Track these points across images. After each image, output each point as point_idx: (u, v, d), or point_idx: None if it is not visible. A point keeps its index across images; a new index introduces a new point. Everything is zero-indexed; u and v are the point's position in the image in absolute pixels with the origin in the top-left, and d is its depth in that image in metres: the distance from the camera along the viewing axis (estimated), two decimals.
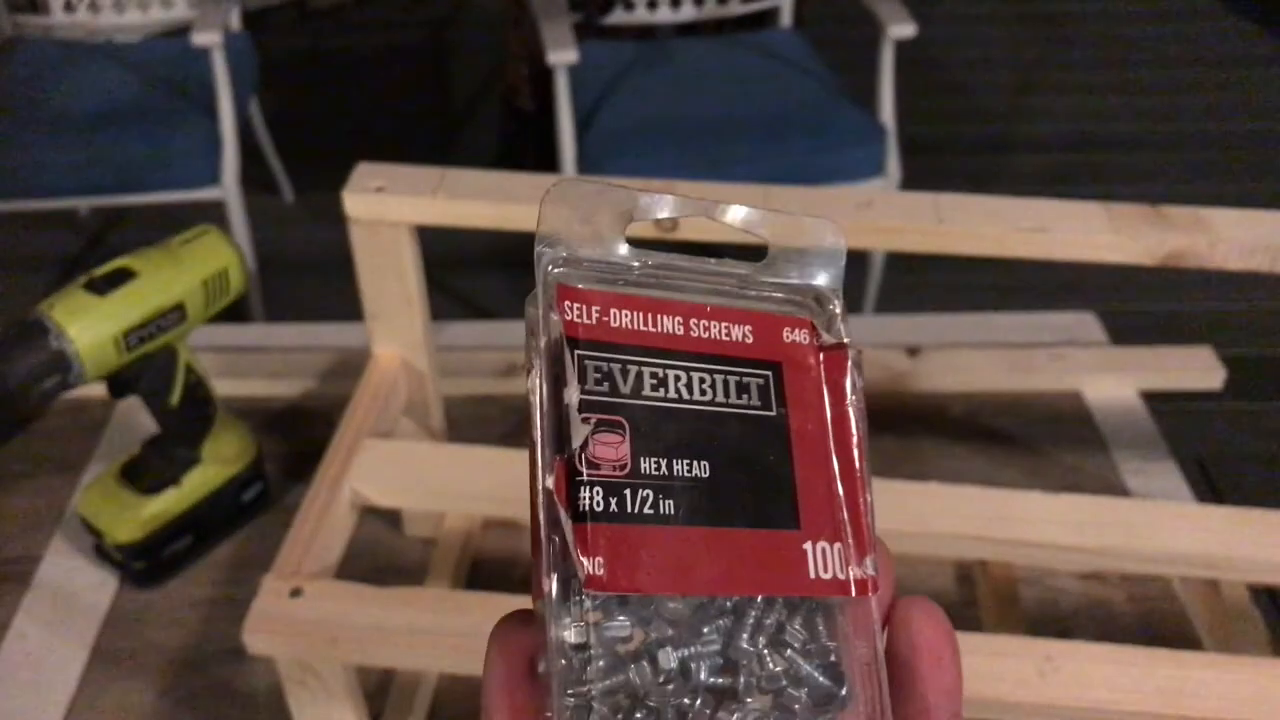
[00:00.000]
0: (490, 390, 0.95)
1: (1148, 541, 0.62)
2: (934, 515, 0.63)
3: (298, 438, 0.93)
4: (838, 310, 0.27)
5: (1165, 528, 0.62)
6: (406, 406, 0.77)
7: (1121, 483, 0.88)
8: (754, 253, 0.28)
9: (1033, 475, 0.89)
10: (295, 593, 0.59)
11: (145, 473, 0.79)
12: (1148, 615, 0.78)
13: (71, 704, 0.73)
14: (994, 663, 0.55)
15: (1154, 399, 0.96)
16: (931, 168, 2.52)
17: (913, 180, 1.90)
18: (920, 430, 0.92)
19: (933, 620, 0.25)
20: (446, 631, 0.57)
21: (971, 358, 0.96)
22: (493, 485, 0.66)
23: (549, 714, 0.22)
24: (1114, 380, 0.96)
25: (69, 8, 2.10)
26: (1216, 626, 0.75)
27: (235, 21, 2.07)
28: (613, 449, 0.23)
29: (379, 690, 0.72)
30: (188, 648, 0.77)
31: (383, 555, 0.83)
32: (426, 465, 0.69)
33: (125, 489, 0.78)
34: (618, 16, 2.08)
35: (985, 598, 0.78)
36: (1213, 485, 1.74)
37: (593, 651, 0.22)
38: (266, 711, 0.73)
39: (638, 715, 0.22)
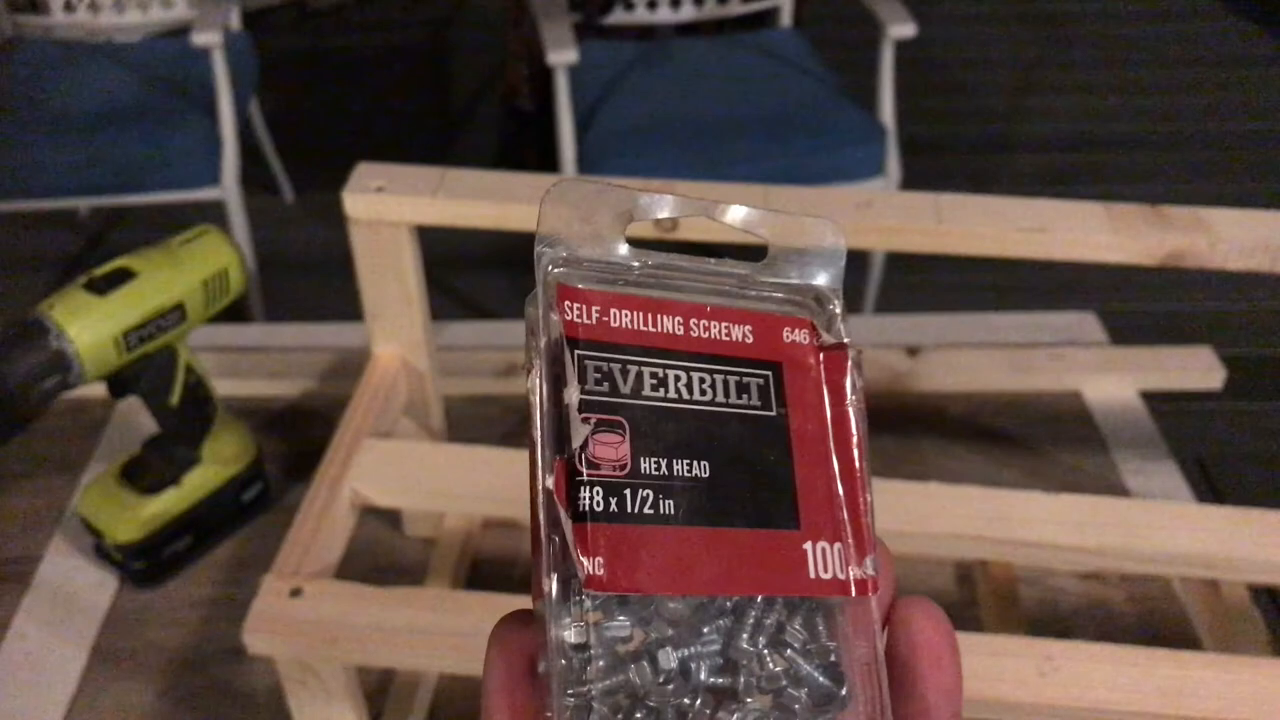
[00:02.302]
0: (490, 390, 0.95)
1: (1148, 541, 0.62)
2: (934, 515, 0.63)
3: (298, 438, 0.93)
4: (838, 310, 0.27)
5: (1165, 528, 0.62)
6: (406, 406, 0.77)
7: (1121, 483, 0.88)
8: (754, 253, 0.28)
9: (1033, 475, 0.89)
10: (295, 593, 0.59)
11: (145, 473, 0.79)
12: (1148, 615, 0.78)
13: (71, 704, 0.73)
14: (994, 663, 0.55)
15: (1154, 399, 0.96)
16: (931, 168, 2.52)
17: (913, 180, 1.90)
18: (920, 430, 0.92)
19: (932, 620, 0.25)
20: (446, 631, 0.57)
21: (971, 358, 0.96)
22: (493, 485, 0.66)
23: (549, 714, 0.22)
24: (1114, 380, 0.96)
25: (69, 8, 2.10)
26: (1216, 626, 0.75)
27: (235, 21, 2.07)
28: (613, 449, 0.23)
29: (379, 690, 0.72)
30: (188, 648, 0.77)
31: (383, 555, 0.83)
32: (426, 465, 0.69)
33: (125, 489, 0.78)
34: (618, 16, 2.08)
35: (985, 598, 0.78)
36: (1213, 485, 1.74)
37: (593, 651, 0.22)
38: (266, 711, 0.73)
39: (638, 715, 0.22)
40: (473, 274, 2.12)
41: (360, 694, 0.63)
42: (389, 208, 0.68)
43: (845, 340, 0.26)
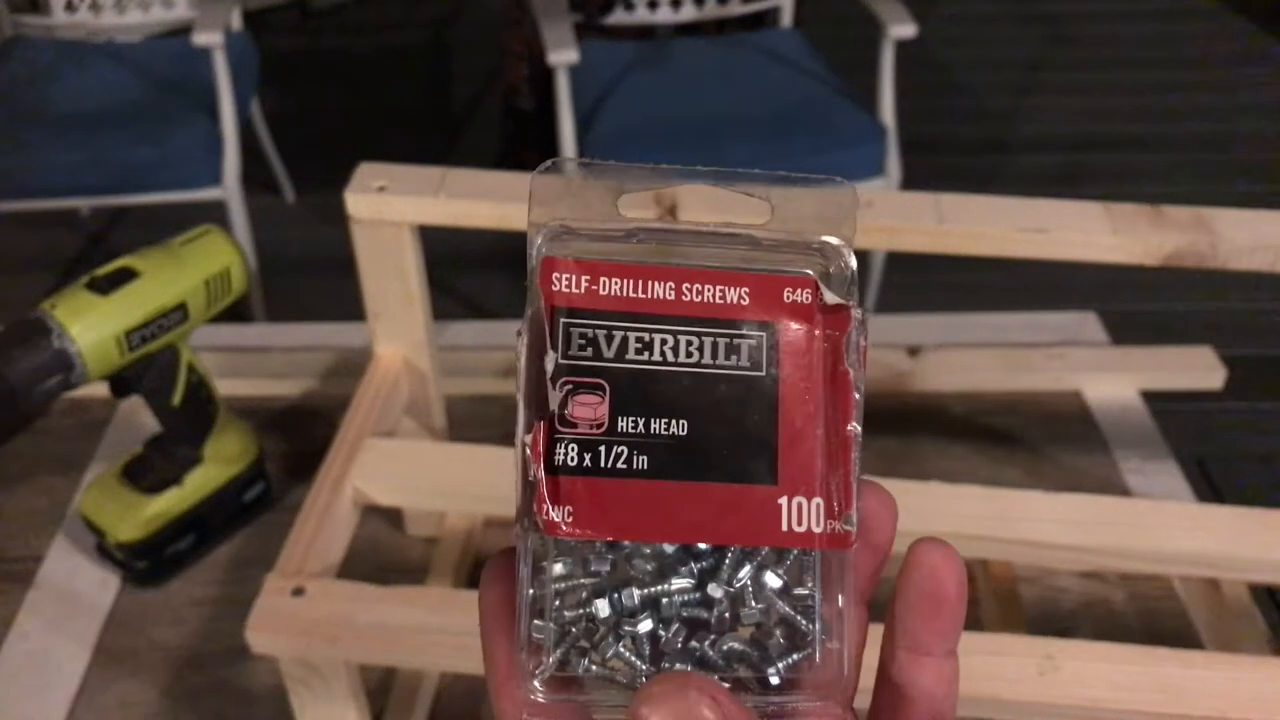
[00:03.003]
0: (492, 389, 0.95)
1: (1148, 541, 0.62)
2: (934, 515, 0.63)
3: (300, 437, 0.93)
4: (846, 269, 0.27)
5: (1165, 527, 0.62)
6: (408, 406, 0.77)
7: (1121, 482, 0.88)
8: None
9: (1033, 475, 0.89)
10: (297, 592, 0.59)
11: (147, 472, 0.79)
12: (1148, 614, 0.78)
13: (74, 703, 0.73)
14: (994, 661, 0.55)
15: (1154, 399, 0.96)
16: (931, 168, 2.52)
17: (913, 180, 1.90)
18: (920, 430, 0.92)
19: (942, 563, 0.25)
20: (448, 630, 0.57)
21: (971, 358, 0.96)
22: (494, 484, 0.66)
23: (536, 636, 0.24)
24: (1114, 380, 0.96)
25: (70, 8, 2.11)
26: (1217, 626, 0.75)
27: (236, 21, 2.07)
28: (591, 409, 0.25)
29: (381, 689, 0.72)
30: (190, 647, 0.77)
31: (385, 554, 0.83)
32: (428, 464, 0.70)
33: (127, 488, 0.79)
34: (618, 16, 2.08)
35: (986, 597, 0.78)
36: (1213, 485, 1.74)
37: (569, 584, 0.24)
38: (269, 710, 0.73)
39: (610, 640, 0.24)
40: (474, 274, 2.12)
41: (362, 693, 0.64)
42: (391, 207, 0.68)
43: (851, 300, 0.26)
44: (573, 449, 0.25)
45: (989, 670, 0.55)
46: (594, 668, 0.24)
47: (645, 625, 0.24)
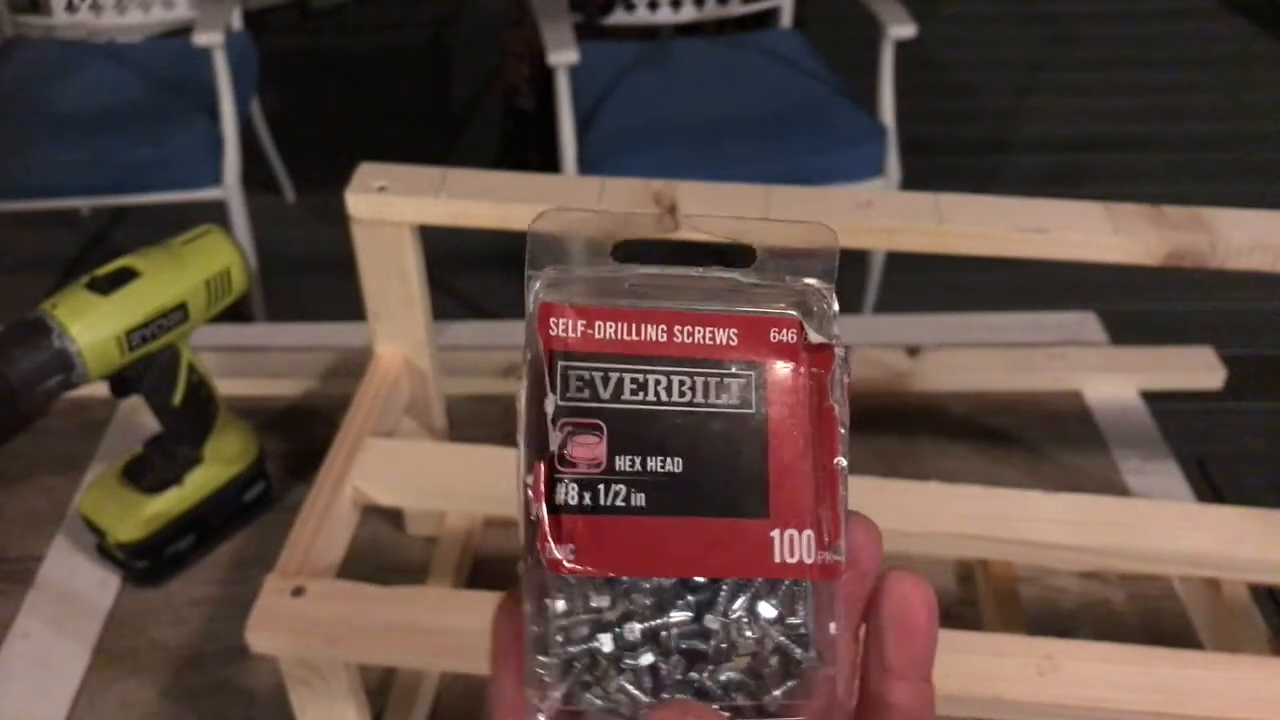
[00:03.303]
0: (492, 389, 0.95)
1: (1148, 541, 0.62)
2: (934, 515, 0.63)
3: (300, 437, 0.93)
4: (828, 310, 0.28)
5: (1165, 527, 0.62)
6: (408, 406, 0.77)
7: (1121, 482, 0.88)
8: (748, 255, 0.28)
9: (1033, 475, 0.89)
10: (297, 591, 0.59)
11: (147, 472, 0.79)
12: (1148, 615, 0.78)
13: (74, 703, 0.73)
14: (994, 662, 0.55)
15: (1154, 399, 0.96)
16: (931, 168, 2.52)
17: (913, 180, 1.90)
18: (920, 430, 0.93)
19: (912, 593, 0.26)
20: (448, 630, 0.57)
21: (971, 358, 0.96)
22: (494, 484, 0.66)
23: (540, 671, 0.25)
24: (1114, 380, 0.96)
25: (70, 8, 2.11)
26: (1217, 626, 0.75)
27: (236, 21, 2.07)
28: (589, 449, 0.26)
29: (381, 689, 0.72)
30: (190, 647, 0.77)
31: (385, 554, 0.83)
32: (428, 464, 0.70)
33: (127, 488, 0.79)
34: (618, 17, 2.08)
35: (985, 597, 0.78)
36: (1213, 485, 1.74)
37: (572, 619, 0.25)
38: (269, 710, 0.73)
39: (613, 673, 0.25)
40: (474, 274, 2.12)
41: (362, 692, 0.64)
42: (391, 207, 0.68)
43: (834, 339, 0.27)
44: (573, 488, 0.25)
45: (989, 670, 0.55)
46: (598, 701, 0.25)
47: (646, 658, 0.25)
